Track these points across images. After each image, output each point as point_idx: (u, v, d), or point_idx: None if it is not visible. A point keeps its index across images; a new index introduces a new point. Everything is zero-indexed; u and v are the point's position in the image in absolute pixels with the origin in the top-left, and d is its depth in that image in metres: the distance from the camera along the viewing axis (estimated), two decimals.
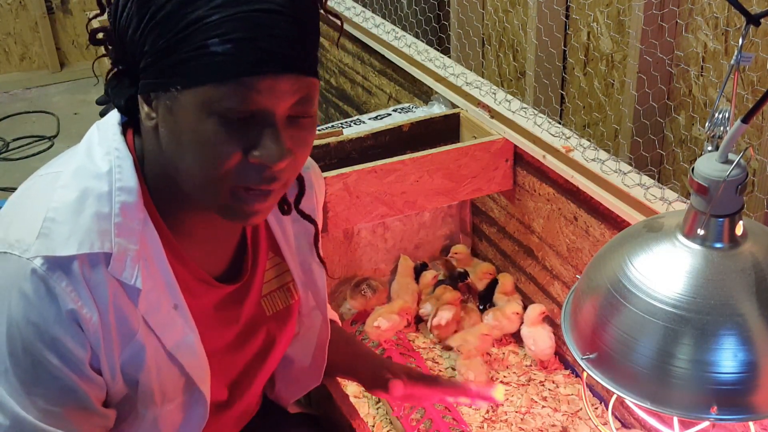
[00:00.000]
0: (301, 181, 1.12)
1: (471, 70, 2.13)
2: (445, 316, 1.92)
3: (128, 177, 0.94)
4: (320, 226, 1.21)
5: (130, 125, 0.99)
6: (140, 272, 0.93)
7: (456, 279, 2.06)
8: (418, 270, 2.12)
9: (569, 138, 1.74)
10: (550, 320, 1.89)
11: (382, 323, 1.89)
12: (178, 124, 0.88)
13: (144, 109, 0.92)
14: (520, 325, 1.93)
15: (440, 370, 1.89)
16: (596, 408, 1.78)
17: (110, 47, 0.94)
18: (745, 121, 0.80)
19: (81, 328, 0.91)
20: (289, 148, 0.89)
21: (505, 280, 2.02)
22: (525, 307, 1.96)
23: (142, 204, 0.95)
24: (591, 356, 0.87)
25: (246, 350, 1.13)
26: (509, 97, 1.92)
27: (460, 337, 1.88)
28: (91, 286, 0.91)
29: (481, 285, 2.05)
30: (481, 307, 2.02)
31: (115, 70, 0.95)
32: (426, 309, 1.99)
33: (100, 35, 0.94)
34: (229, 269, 1.09)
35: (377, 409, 1.77)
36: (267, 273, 1.14)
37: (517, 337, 1.94)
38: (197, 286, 1.03)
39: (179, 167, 0.91)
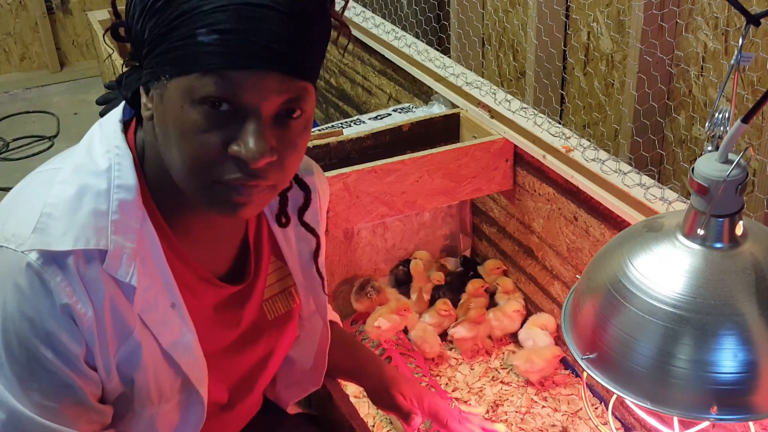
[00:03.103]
0: (306, 190, 1.12)
1: (471, 70, 2.13)
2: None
3: (127, 175, 0.94)
4: (324, 228, 1.20)
5: (132, 122, 1.00)
6: (136, 270, 0.93)
7: (461, 279, 2.05)
8: (404, 274, 2.10)
9: (569, 138, 1.74)
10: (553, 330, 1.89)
11: (383, 323, 1.89)
12: (166, 113, 0.88)
13: (143, 100, 0.93)
14: (522, 323, 1.93)
15: (440, 371, 1.90)
16: (596, 408, 1.78)
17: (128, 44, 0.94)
18: (745, 121, 0.80)
19: (75, 323, 0.91)
20: (272, 146, 0.88)
21: (504, 282, 2.02)
22: (526, 307, 1.96)
23: (141, 202, 0.94)
24: (591, 356, 0.87)
25: (248, 354, 1.13)
26: (509, 97, 1.92)
27: (524, 356, 1.83)
28: (86, 282, 0.91)
29: (489, 280, 2.05)
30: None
31: (129, 64, 0.95)
32: (426, 320, 1.98)
33: (122, 30, 0.94)
34: (232, 271, 1.08)
35: (377, 409, 1.77)
36: (269, 277, 1.14)
37: (517, 337, 1.94)
38: (198, 284, 1.03)
39: (167, 158, 0.92)
